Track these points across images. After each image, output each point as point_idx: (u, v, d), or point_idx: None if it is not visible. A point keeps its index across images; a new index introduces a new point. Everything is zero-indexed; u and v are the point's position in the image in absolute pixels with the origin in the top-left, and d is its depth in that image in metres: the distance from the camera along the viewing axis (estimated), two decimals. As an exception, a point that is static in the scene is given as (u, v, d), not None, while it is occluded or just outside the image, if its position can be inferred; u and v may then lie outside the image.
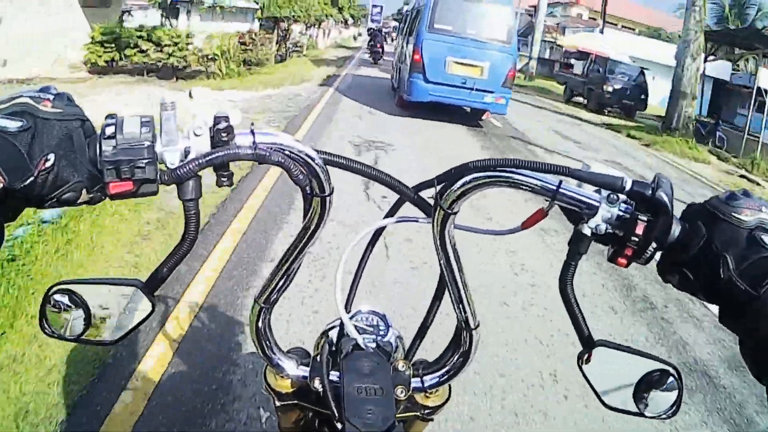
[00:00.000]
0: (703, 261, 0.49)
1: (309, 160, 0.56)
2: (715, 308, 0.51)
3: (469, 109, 9.33)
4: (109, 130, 0.50)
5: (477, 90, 8.32)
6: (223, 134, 0.52)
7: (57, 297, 0.56)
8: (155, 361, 2.13)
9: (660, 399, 0.57)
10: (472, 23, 8.40)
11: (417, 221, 0.66)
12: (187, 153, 0.52)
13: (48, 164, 0.46)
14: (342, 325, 0.69)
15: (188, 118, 0.54)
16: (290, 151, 0.55)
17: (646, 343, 2.86)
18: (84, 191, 0.50)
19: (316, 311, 2.61)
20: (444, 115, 8.89)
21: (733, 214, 0.48)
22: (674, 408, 0.57)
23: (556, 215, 0.60)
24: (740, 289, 0.46)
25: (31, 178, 0.45)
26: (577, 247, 0.55)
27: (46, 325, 0.56)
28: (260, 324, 0.67)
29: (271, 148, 0.54)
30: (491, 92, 8.39)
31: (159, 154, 0.51)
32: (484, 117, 9.51)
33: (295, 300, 2.65)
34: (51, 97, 0.49)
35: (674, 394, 0.57)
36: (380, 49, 20.06)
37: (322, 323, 0.72)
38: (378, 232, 0.74)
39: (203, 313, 2.52)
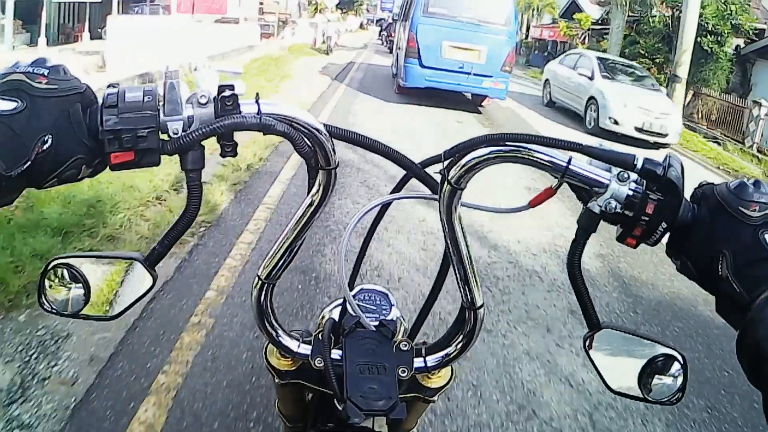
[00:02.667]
0: (703, 253, 0.49)
1: (315, 132, 0.57)
2: None
3: (470, 95, 9.34)
4: (111, 100, 0.50)
5: (475, 75, 8.32)
6: (228, 103, 0.53)
7: (56, 272, 0.57)
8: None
9: (664, 384, 0.58)
10: (469, 6, 8.38)
11: (424, 197, 0.67)
12: (190, 122, 0.53)
13: (45, 146, 0.46)
14: (345, 303, 0.70)
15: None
16: (296, 122, 0.56)
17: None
18: (84, 167, 0.50)
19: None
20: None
21: (740, 208, 0.48)
22: (679, 394, 0.58)
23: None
24: (735, 291, 0.46)
25: (29, 162, 0.45)
26: (586, 225, 0.55)
27: (45, 301, 0.57)
28: (262, 300, 0.68)
29: (277, 119, 0.55)
30: (489, 77, 8.38)
31: (162, 123, 0.52)
32: (484, 103, 9.55)
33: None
34: (46, 72, 0.48)
35: (679, 380, 0.58)
36: (394, 38, 20.61)
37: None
38: (383, 208, 0.74)
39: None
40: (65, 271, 0.57)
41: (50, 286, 0.57)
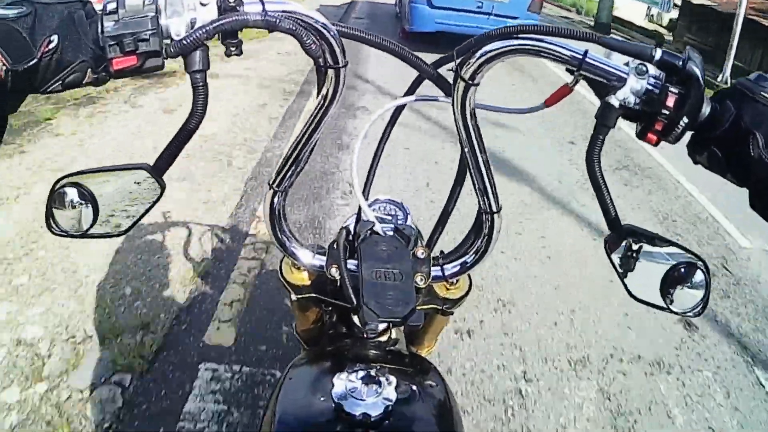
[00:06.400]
0: (732, 139, 0.52)
1: (323, 30, 0.58)
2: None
3: None
4: (111, 6, 0.53)
5: (496, 15, 7.41)
6: (231, 1, 0.54)
7: (63, 191, 0.58)
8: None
9: (687, 294, 0.59)
10: None
11: (437, 100, 0.68)
12: (193, 24, 0.55)
13: (51, 45, 0.50)
14: (359, 211, 0.71)
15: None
16: (303, 20, 0.57)
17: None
18: (89, 71, 0.54)
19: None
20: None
21: (762, 93, 0.51)
22: (701, 305, 0.59)
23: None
24: None
25: (35, 60, 0.49)
26: (604, 120, 0.56)
27: (53, 224, 0.59)
28: (275, 207, 0.70)
29: (282, 16, 0.55)
30: (515, 18, 7.36)
31: (164, 26, 0.54)
32: None
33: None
34: None
35: (701, 291, 0.59)
36: None
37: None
38: (396, 112, 0.74)
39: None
40: (74, 190, 0.59)
41: (58, 208, 0.59)
